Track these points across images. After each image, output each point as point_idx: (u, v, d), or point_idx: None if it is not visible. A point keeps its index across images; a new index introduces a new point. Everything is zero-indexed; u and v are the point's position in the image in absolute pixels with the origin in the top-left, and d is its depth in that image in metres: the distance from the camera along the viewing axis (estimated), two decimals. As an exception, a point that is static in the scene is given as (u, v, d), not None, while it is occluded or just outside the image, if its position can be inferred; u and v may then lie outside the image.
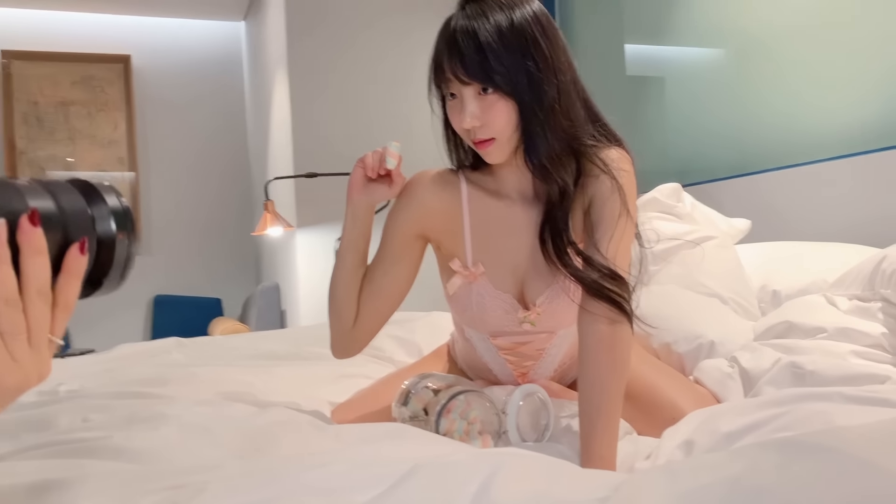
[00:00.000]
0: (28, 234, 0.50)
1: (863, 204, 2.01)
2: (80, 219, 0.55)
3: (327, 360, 1.65)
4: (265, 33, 4.63)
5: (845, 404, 0.98)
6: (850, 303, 1.43)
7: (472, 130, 1.13)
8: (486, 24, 1.07)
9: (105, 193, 0.58)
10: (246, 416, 0.90)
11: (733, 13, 2.65)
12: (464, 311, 1.28)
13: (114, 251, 0.57)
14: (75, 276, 0.54)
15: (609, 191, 1.14)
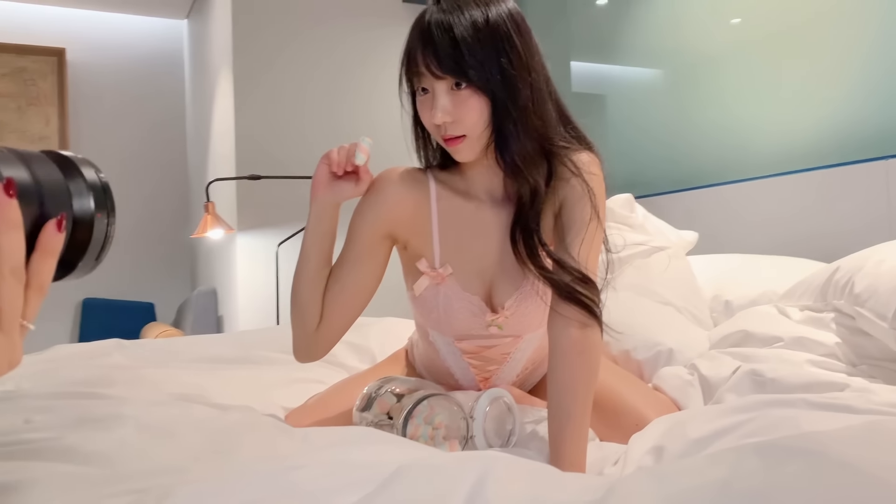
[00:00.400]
0: (3, 205, 0.46)
1: (800, 220, 2.07)
2: (58, 193, 0.51)
3: (278, 364, 1.60)
4: (209, 32, 4.52)
5: (810, 410, 0.99)
6: (803, 313, 1.46)
7: (442, 126, 1.10)
8: (462, 18, 1.05)
9: (82, 167, 0.53)
10: (207, 417, 0.84)
11: (673, 34, 2.72)
12: (429, 313, 1.24)
13: (91, 231, 0.52)
14: (51, 254, 0.49)
15: (580, 194, 1.13)
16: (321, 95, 4.13)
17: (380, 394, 1.15)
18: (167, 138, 5.24)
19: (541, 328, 1.25)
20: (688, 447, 0.97)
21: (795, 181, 2.09)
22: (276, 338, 1.81)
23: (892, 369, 1.23)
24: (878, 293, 1.20)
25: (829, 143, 2.07)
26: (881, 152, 1.88)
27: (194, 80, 5.03)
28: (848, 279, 1.32)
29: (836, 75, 2.06)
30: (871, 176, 1.85)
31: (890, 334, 1.15)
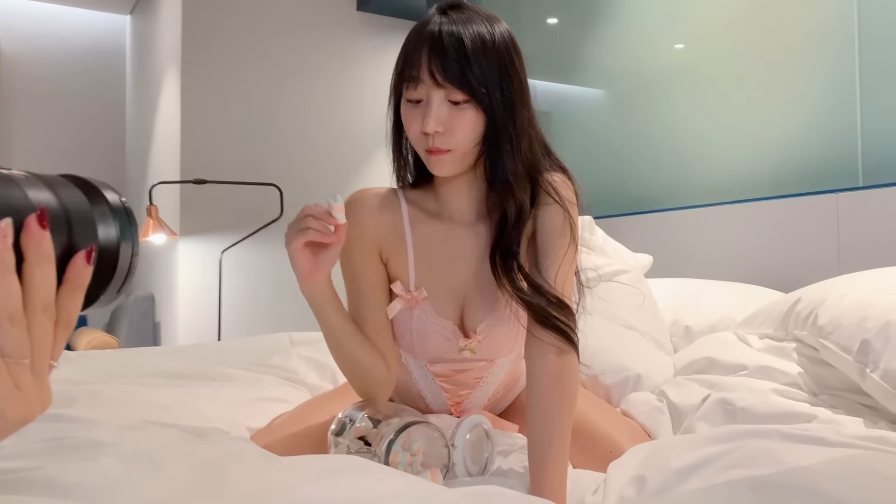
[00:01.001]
0: (36, 237, 0.42)
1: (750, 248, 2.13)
2: (85, 221, 0.47)
3: (236, 381, 1.55)
4: (156, 30, 4.39)
5: (785, 442, 1.01)
6: (763, 342, 1.50)
7: (431, 137, 1.07)
8: (471, 32, 1.05)
9: (105, 191, 0.50)
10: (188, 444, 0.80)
11: (622, 56, 2.77)
12: (402, 336, 1.22)
13: (116, 261, 0.49)
14: (79, 289, 0.46)
15: (560, 220, 1.14)
16: (272, 101, 4.07)
17: (355, 418, 1.12)
18: (105, 137, 5.07)
19: (513, 352, 1.25)
20: (669, 477, 0.98)
21: (747, 210, 2.16)
22: (233, 352, 1.76)
23: (853, 400, 1.27)
24: (843, 326, 1.24)
25: (780, 174, 2.14)
26: (832, 185, 1.95)
27: (137, 78, 4.87)
28: (811, 311, 1.36)
29: (787, 109, 2.14)
30: (822, 208, 1.91)
31: (854, 367, 1.18)
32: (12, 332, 0.41)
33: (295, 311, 4.08)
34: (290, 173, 4.07)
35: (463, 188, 1.18)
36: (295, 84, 4.13)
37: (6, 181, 0.43)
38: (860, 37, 1.94)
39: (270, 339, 1.86)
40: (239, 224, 3.81)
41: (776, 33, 2.20)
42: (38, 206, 0.43)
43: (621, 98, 2.90)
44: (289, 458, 0.85)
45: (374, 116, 4.36)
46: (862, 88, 1.93)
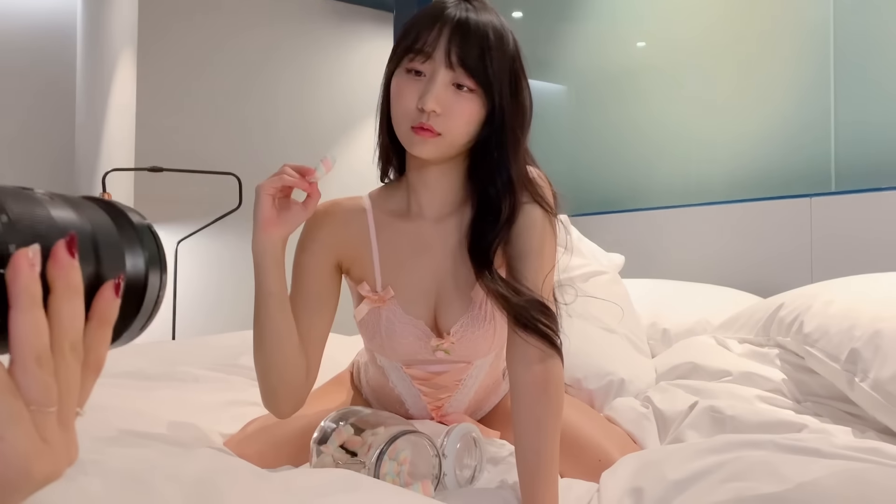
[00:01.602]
0: (65, 267, 0.37)
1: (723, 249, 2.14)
2: (112, 247, 0.42)
3: (204, 383, 1.49)
4: (110, 8, 4.22)
5: (781, 453, 1.00)
6: (743, 346, 1.49)
7: (426, 115, 1.02)
8: (493, 27, 1.03)
9: (129, 214, 0.44)
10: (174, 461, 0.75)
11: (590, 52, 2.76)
12: (372, 337, 1.18)
13: (143, 293, 0.44)
14: (108, 324, 0.40)
15: (539, 220, 1.11)
16: (233, 87, 3.95)
17: (338, 427, 1.07)
18: (53, 121, 4.86)
19: (490, 353, 1.22)
20: (668, 490, 0.96)
21: (719, 212, 2.16)
22: (199, 351, 1.69)
23: (837, 408, 1.27)
24: (830, 334, 1.24)
25: (752, 177, 2.15)
26: (804, 190, 1.97)
27: (88, 59, 4.68)
28: (795, 317, 1.35)
29: (759, 112, 2.15)
30: (795, 212, 1.93)
31: (842, 376, 1.18)
32: (39, 376, 0.36)
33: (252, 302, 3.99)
34: (250, 162, 3.97)
35: (433, 182, 1.14)
36: (257, 71, 4.02)
37: (29, 200, 0.38)
38: (835, 42, 1.95)
39: (237, 338, 1.79)
40: (196, 214, 3.70)
41: (749, 36, 2.20)
42: (66, 231, 0.38)
43: (587, 95, 2.88)
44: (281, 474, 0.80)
45: (338, 106, 4.28)
46: (836, 93, 1.95)
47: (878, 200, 1.77)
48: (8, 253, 0.35)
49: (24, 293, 0.35)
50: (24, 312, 0.35)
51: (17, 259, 0.35)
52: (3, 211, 0.36)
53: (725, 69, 2.28)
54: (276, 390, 1.07)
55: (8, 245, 0.35)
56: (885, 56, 1.86)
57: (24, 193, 0.38)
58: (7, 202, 0.36)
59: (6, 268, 0.35)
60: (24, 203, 0.38)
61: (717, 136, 2.29)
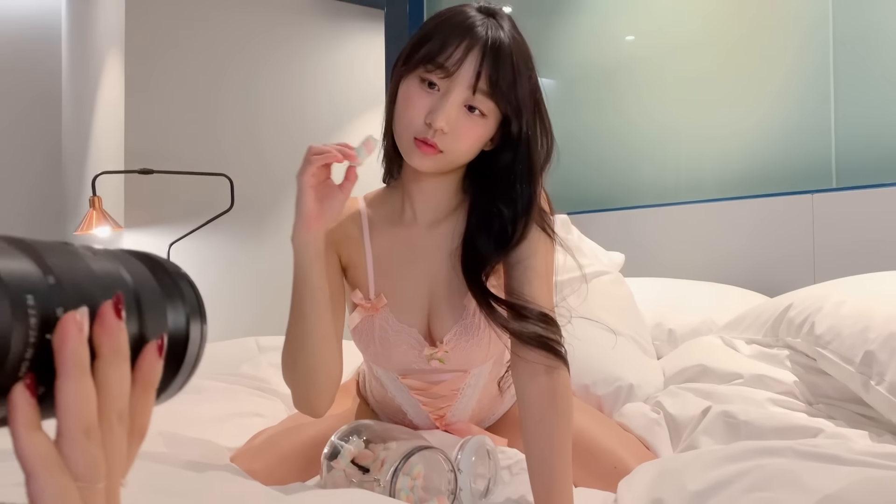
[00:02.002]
0: (112, 330, 0.35)
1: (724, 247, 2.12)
2: (155, 304, 0.39)
3: (207, 393, 1.47)
4: (95, 8, 4.16)
5: (801, 460, 0.99)
6: (751, 347, 1.48)
7: (431, 130, 0.99)
8: (518, 50, 1.01)
9: (166, 265, 0.42)
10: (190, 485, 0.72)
11: (584, 47, 2.74)
12: (367, 346, 1.17)
13: (185, 349, 0.41)
14: (152, 387, 0.38)
15: (538, 236, 1.09)
16: (222, 87, 3.91)
17: (348, 441, 1.05)
18: (39, 124, 4.80)
19: (488, 361, 1.20)
20: (688, 500, 0.94)
21: (720, 209, 2.15)
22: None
23: (850, 410, 1.25)
24: (842, 336, 1.22)
25: (752, 173, 2.13)
26: (805, 186, 1.95)
27: (74, 61, 4.63)
28: (805, 318, 1.34)
29: (759, 108, 2.14)
30: (797, 209, 1.91)
31: (857, 379, 1.17)
32: (88, 450, 0.33)
33: (249, 306, 3.95)
34: (242, 163, 3.93)
35: (430, 190, 1.12)
36: (246, 70, 3.98)
37: (71, 255, 0.36)
38: (835, 36, 1.94)
39: (237, 346, 1.76)
40: (188, 216, 3.65)
41: (745, 30, 2.19)
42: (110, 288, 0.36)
43: (578, 91, 2.86)
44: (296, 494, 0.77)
45: (330, 103, 4.24)
46: (836, 88, 1.93)
47: (880, 196, 1.76)
48: (56, 317, 0.33)
49: (72, 360, 0.33)
50: (73, 381, 0.33)
51: (65, 324, 0.33)
52: (50, 271, 0.34)
53: (721, 63, 2.27)
54: (319, 389, 1.05)
55: (55, 308, 0.33)
56: (885, 49, 1.84)
57: (67, 249, 0.36)
58: (51, 259, 0.34)
59: (53, 332, 0.33)
60: (69, 259, 0.35)
61: (714, 132, 2.28)
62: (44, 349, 0.33)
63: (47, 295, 0.33)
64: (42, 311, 0.32)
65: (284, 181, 4.14)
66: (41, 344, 0.33)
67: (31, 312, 0.32)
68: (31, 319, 0.32)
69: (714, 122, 2.28)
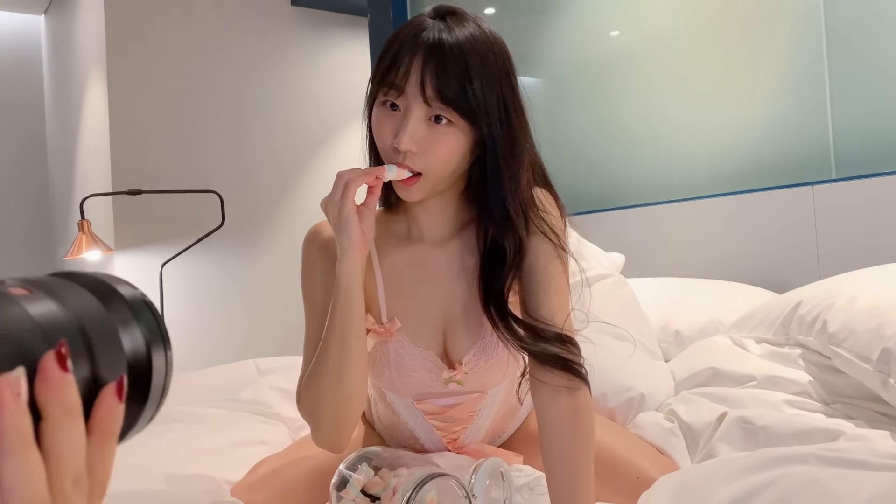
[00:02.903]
0: (57, 386, 0.30)
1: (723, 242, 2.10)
2: (107, 338, 0.35)
3: (206, 423, 1.43)
4: (74, 29, 4.12)
5: (825, 467, 0.96)
6: (761, 346, 1.45)
7: (402, 155, 0.95)
8: (473, 45, 0.93)
9: (118, 286, 0.37)
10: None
11: (571, 44, 2.71)
12: (381, 373, 1.11)
13: (149, 379, 0.37)
14: (111, 436, 0.33)
15: (550, 246, 1.04)
16: (207, 102, 3.86)
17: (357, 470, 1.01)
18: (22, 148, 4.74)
19: (505, 380, 1.16)
20: (713, 517, 0.91)
21: (718, 204, 2.12)
22: (197, 386, 1.62)
23: (868, 408, 1.22)
24: (857, 333, 1.19)
25: (749, 167, 2.11)
26: (804, 178, 1.93)
27: (55, 82, 4.57)
28: (816, 316, 1.31)
29: (753, 100, 2.11)
30: (798, 201, 1.89)
31: (875, 377, 1.14)
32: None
33: (244, 324, 3.91)
34: (231, 179, 3.89)
35: (434, 206, 1.07)
36: (230, 84, 3.94)
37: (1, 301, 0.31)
38: (827, 26, 1.91)
39: (236, 369, 1.72)
40: (179, 235, 3.61)
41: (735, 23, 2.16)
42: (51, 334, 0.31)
43: (565, 89, 2.83)
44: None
45: (317, 114, 4.20)
46: (831, 79, 1.91)
47: (882, 185, 1.73)
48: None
49: (10, 433, 0.28)
50: (13, 458, 0.28)
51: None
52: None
53: (712, 56, 2.24)
54: (348, 423, 1.01)
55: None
56: (879, 36, 1.82)
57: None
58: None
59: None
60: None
61: (707, 127, 2.25)
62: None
63: None
64: None
65: (275, 194, 4.10)
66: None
67: None
68: None
69: (707, 117, 2.25)
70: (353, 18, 4.29)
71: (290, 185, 4.13)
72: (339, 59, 4.29)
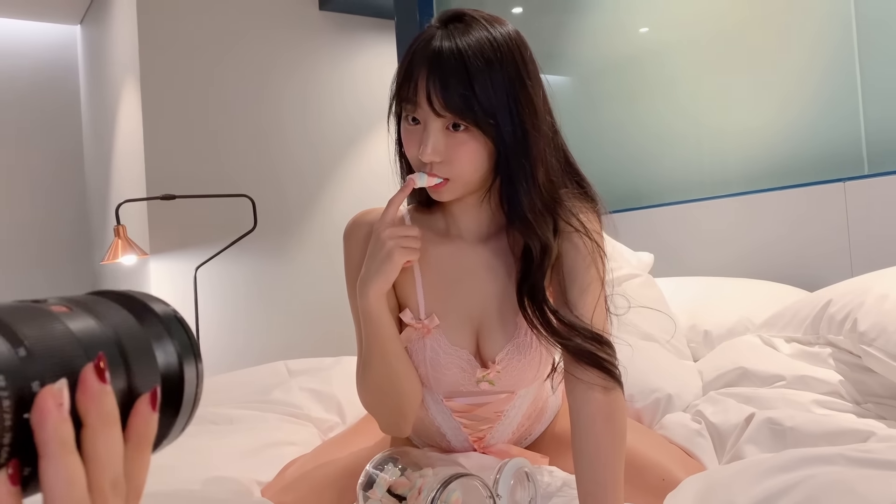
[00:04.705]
0: (96, 396, 0.32)
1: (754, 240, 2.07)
2: (142, 352, 0.37)
3: (237, 423, 1.45)
4: (109, 39, 4.21)
5: (853, 468, 0.95)
6: (790, 346, 1.43)
7: (429, 165, 0.98)
8: (475, 50, 0.94)
9: (151, 304, 0.40)
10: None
11: (602, 43, 2.70)
12: (416, 369, 1.13)
13: (181, 391, 0.39)
14: (146, 444, 0.35)
15: (584, 250, 1.05)
16: (238, 107, 3.92)
17: (383, 470, 1.03)
18: (60, 155, 4.86)
19: (536, 382, 1.16)
20: (739, 517, 0.90)
21: (749, 202, 2.10)
22: (229, 387, 1.65)
23: (901, 408, 1.21)
24: (888, 332, 1.18)
25: (781, 164, 2.08)
26: (836, 174, 1.90)
27: (92, 90, 4.68)
28: (846, 314, 1.29)
29: (784, 96, 2.08)
30: (830, 198, 1.86)
31: (907, 376, 1.12)
32: None
33: (277, 325, 3.96)
34: (262, 182, 3.94)
35: (472, 206, 1.08)
36: (260, 89, 3.99)
37: (44, 317, 0.33)
38: (857, 19, 1.88)
39: (266, 371, 1.74)
40: (212, 238, 3.67)
41: (764, 18, 2.13)
42: (91, 347, 0.33)
43: (594, 87, 2.82)
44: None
45: (346, 116, 4.24)
46: (862, 72, 1.88)
47: (916, 180, 1.70)
48: (32, 392, 0.31)
49: (53, 439, 0.30)
50: (56, 462, 0.31)
51: (42, 401, 0.30)
52: (20, 342, 0.31)
53: (742, 52, 2.21)
54: (408, 413, 1.10)
55: (31, 383, 0.31)
56: (911, 29, 1.79)
57: (37, 310, 0.34)
58: (22, 328, 0.32)
59: (31, 410, 0.30)
60: (41, 324, 0.33)
61: (737, 123, 2.22)
62: (23, 430, 0.30)
63: (20, 370, 0.30)
64: (15, 390, 0.30)
65: (305, 197, 4.14)
66: (19, 425, 0.30)
67: (4, 394, 0.29)
68: (4, 402, 0.29)
69: (737, 113, 2.23)
70: (379, 21, 4.32)
71: (321, 187, 4.17)
72: (366, 63, 4.32)
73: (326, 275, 4.05)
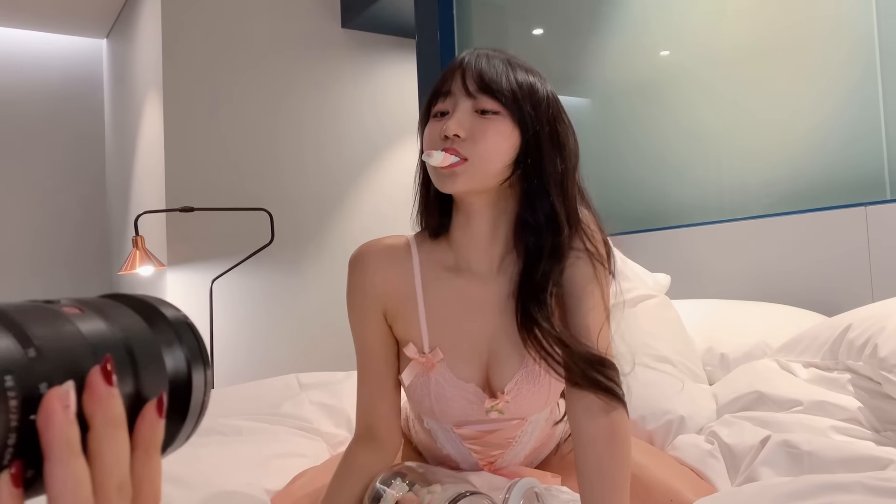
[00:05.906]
0: (103, 399, 0.32)
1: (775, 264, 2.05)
2: (151, 357, 0.37)
3: (248, 435, 1.45)
4: (134, 53, 4.27)
5: (872, 496, 0.92)
6: (808, 371, 1.41)
7: (449, 140, 0.96)
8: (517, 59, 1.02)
9: (162, 308, 0.39)
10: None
11: (621, 64, 2.70)
12: (421, 402, 1.11)
13: (189, 397, 0.38)
14: (155, 449, 0.35)
15: (590, 269, 1.04)
16: (258, 122, 3.96)
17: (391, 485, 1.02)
18: (84, 166, 4.92)
19: (547, 407, 1.14)
20: (752, 544, 0.88)
21: (769, 225, 2.08)
22: (239, 399, 1.65)
23: (922, 436, 1.18)
24: (909, 358, 1.15)
25: (801, 187, 2.06)
26: (858, 199, 1.88)
27: (116, 103, 4.74)
28: (866, 340, 1.27)
29: (805, 118, 2.07)
30: (850, 222, 1.84)
31: (928, 404, 1.10)
32: None
33: (292, 339, 3.96)
34: (280, 197, 3.96)
35: (482, 235, 1.06)
36: (281, 104, 4.02)
37: (54, 318, 0.33)
38: (880, 41, 1.87)
39: (278, 383, 1.74)
40: (229, 251, 3.68)
41: (784, 40, 2.13)
42: (100, 350, 0.33)
43: (613, 109, 2.82)
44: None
45: (365, 134, 4.26)
46: (885, 95, 1.86)
47: (939, 206, 1.68)
48: (39, 394, 0.30)
49: (59, 442, 0.30)
50: (61, 465, 0.30)
51: (48, 403, 0.30)
52: (30, 342, 0.31)
53: (761, 74, 2.20)
54: None
55: (38, 384, 0.30)
56: (935, 54, 1.77)
57: (49, 311, 0.33)
58: (33, 328, 0.31)
59: (37, 412, 0.30)
60: (51, 324, 0.32)
61: (757, 146, 2.21)
62: (29, 431, 0.30)
63: (28, 371, 0.30)
64: (23, 391, 0.30)
65: (323, 212, 4.15)
66: (25, 426, 0.30)
67: (11, 395, 0.29)
68: (11, 402, 0.29)
69: (757, 136, 2.21)
70: (400, 40, 4.35)
71: (338, 203, 4.19)
72: (386, 81, 4.35)
73: (341, 291, 4.04)
